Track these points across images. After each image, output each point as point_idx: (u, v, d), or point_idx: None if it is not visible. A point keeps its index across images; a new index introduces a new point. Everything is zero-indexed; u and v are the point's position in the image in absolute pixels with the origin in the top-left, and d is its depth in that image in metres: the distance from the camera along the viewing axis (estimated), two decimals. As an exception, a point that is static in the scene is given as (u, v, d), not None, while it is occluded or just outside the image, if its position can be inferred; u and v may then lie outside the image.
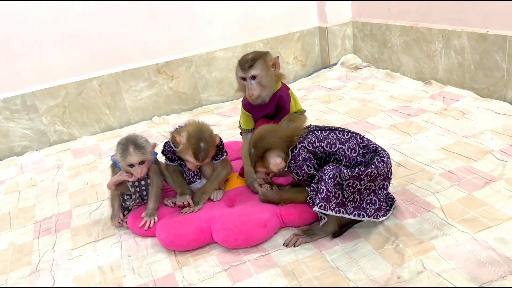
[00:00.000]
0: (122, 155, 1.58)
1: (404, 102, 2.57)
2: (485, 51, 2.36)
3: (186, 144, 1.62)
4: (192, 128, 1.65)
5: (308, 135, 1.48)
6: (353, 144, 1.46)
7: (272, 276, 1.35)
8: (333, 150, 1.45)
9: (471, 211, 1.49)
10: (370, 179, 1.41)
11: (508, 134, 1.96)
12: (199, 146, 1.61)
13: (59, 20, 2.68)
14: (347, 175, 1.38)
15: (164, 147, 1.75)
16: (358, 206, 1.44)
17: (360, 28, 3.32)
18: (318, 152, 1.46)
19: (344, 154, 1.45)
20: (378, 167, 1.40)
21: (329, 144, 1.45)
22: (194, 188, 1.78)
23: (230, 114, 2.89)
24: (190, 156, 1.63)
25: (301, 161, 1.44)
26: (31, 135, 2.77)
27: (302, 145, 1.46)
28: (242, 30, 3.19)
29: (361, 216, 1.43)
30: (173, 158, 1.75)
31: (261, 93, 1.73)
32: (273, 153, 1.48)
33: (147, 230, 1.62)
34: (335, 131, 1.49)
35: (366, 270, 1.31)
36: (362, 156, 1.45)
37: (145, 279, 1.43)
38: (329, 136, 1.47)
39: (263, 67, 1.71)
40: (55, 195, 2.10)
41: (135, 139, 1.61)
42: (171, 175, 1.78)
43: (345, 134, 1.48)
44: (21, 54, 2.66)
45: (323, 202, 1.38)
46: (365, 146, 1.46)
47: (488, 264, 1.24)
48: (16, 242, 1.76)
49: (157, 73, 2.98)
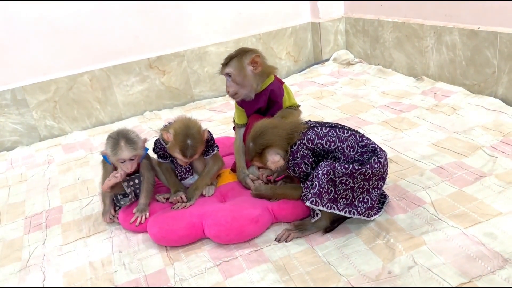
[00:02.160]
0: (113, 150, 1.56)
1: (395, 98, 2.58)
2: (476, 48, 2.37)
3: (173, 141, 1.61)
4: (178, 125, 1.63)
5: (308, 132, 1.47)
6: (352, 142, 1.45)
7: (264, 271, 1.35)
8: (332, 148, 1.45)
9: (461, 207, 1.50)
10: (364, 178, 1.41)
11: (499, 130, 1.97)
12: (186, 143, 1.60)
13: (49, 14, 2.65)
14: (340, 172, 1.38)
15: (155, 145, 1.74)
16: (350, 203, 1.44)
17: (352, 23, 3.32)
18: (317, 150, 1.46)
19: (342, 152, 1.44)
20: (374, 167, 1.40)
21: (328, 141, 1.45)
22: (186, 184, 1.78)
23: (222, 109, 2.88)
24: (178, 154, 1.62)
25: (299, 158, 1.44)
26: (21, 130, 2.74)
27: (302, 142, 1.45)
28: (235, 25, 3.17)
29: (351, 214, 1.44)
30: (164, 155, 1.75)
31: (237, 90, 1.74)
32: (273, 150, 1.46)
33: (139, 226, 1.61)
34: (335, 128, 1.48)
35: (357, 265, 1.32)
36: (360, 155, 1.44)
37: (137, 275, 1.43)
38: (329, 133, 1.46)
39: (237, 66, 1.72)
40: (45, 191, 2.09)
41: (127, 133, 1.60)
42: (164, 174, 1.77)
43: (345, 132, 1.47)
44: (11, 48, 2.63)
45: (315, 198, 1.38)
46: (364, 146, 1.45)
47: (478, 259, 1.25)
48: (6, 237, 1.75)
49: (148, 68, 2.96)
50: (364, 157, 1.44)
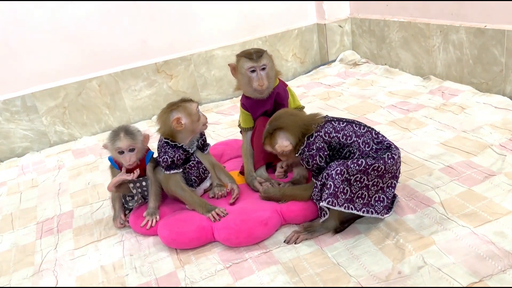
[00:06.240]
0: (111, 140, 1.59)
1: (403, 97, 2.57)
2: (483, 46, 2.36)
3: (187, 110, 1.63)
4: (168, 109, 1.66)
5: (326, 125, 1.48)
6: (367, 139, 1.46)
7: (274, 273, 1.35)
8: (348, 142, 1.45)
9: (470, 206, 1.49)
10: (377, 174, 1.41)
11: (507, 128, 1.96)
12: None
13: (57, 20, 2.68)
14: (354, 169, 1.38)
15: (162, 153, 1.65)
16: (367, 203, 1.44)
17: (358, 24, 3.32)
18: (333, 143, 1.46)
19: (358, 147, 1.45)
20: (387, 162, 1.41)
21: (345, 135, 1.46)
22: (204, 187, 1.78)
23: (230, 112, 2.89)
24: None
25: (315, 150, 1.44)
26: (31, 136, 2.77)
27: (319, 134, 1.46)
28: (241, 28, 3.19)
29: (369, 213, 1.44)
30: (177, 162, 1.65)
31: (269, 84, 1.75)
32: (283, 134, 1.47)
33: (149, 229, 1.62)
34: (352, 123, 1.49)
35: (367, 266, 1.32)
36: (374, 152, 1.45)
37: (148, 278, 1.44)
38: (346, 128, 1.47)
39: (269, 58, 1.76)
40: (56, 196, 2.11)
41: (127, 126, 1.64)
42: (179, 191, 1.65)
43: (362, 128, 1.48)
44: (21, 55, 2.66)
45: (331, 198, 1.38)
46: (380, 143, 1.47)
47: (488, 258, 1.25)
48: (19, 243, 1.77)
49: (156, 73, 2.98)
50: (378, 154, 1.44)
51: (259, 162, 1.80)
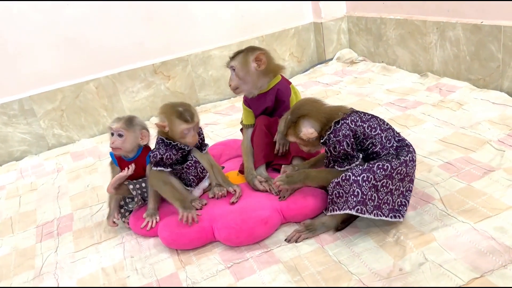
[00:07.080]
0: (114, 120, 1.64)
1: (400, 95, 2.58)
2: (480, 42, 2.37)
3: (168, 120, 1.61)
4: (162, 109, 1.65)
5: (352, 114, 1.47)
6: (389, 135, 1.47)
7: (275, 272, 1.36)
8: (373, 134, 1.45)
9: (470, 202, 1.50)
10: (400, 178, 1.41)
11: (505, 123, 1.97)
12: (178, 109, 1.61)
13: (53, 22, 2.67)
14: (381, 175, 1.37)
15: (155, 148, 1.65)
16: (392, 208, 1.42)
17: (355, 22, 3.32)
18: (358, 132, 1.45)
19: (380, 141, 1.45)
20: (408, 165, 1.42)
21: (370, 126, 1.45)
22: (203, 187, 1.77)
23: (228, 112, 2.89)
24: (179, 124, 1.60)
25: (342, 136, 1.43)
26: (29, 139, 2.77)
27: (345, 122, 1.45)
28: (237, 28, 3.19)
29: (397, 218, 1.42)
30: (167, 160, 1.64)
31: (239, 85, 1.77)
32: (307, 121, 1.46)
33: (149, 230, 1.62)
34: (376, 118, 1.50)
35: (368, 263, 1.32)
36: (394, 149, 1.46)
37: (149, 279, 1.44)
38: (372, 119, 1.47)
39: (241, 61, 1.76)
40: (55, 199, 2.11)
41: (135, 117, 1.67)
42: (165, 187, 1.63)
43: (385, 124, 1.49)
44: (17, 58, 2.66)
45: (360, 206, 1.36)
46: (400, 140, 1.48)
47: (488, 253, 1.25)
48: (19, 246, 1.77)
49: (153, 74, 2.98)
50: (397, 152, 1.45)
51: (259, 161, 1.79)
